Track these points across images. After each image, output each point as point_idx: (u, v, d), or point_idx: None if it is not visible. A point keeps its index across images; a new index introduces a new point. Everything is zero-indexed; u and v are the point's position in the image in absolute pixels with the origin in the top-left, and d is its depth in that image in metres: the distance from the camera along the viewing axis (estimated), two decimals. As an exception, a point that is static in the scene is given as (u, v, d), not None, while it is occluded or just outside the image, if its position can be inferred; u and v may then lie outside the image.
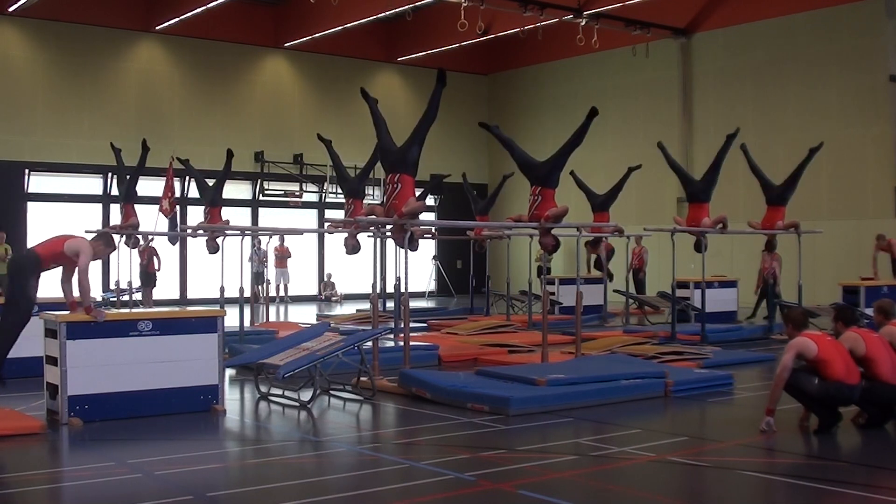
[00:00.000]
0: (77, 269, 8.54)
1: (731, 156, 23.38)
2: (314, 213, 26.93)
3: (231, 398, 9.64)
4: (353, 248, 12.16)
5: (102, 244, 8.92)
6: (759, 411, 7.98)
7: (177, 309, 17.27)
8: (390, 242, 17.47)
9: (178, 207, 21.10)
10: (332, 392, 9.71)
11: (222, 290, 13.37)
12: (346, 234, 12.49)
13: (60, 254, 8.59)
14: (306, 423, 8.57)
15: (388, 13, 23.34)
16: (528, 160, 11.37)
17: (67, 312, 8.57)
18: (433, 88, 10.64)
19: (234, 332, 13.19)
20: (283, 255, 24.56)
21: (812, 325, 12.01)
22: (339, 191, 26.48)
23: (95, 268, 23.14)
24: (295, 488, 6.16)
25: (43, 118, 22.85)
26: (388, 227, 10.94)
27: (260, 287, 20.39)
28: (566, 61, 27.22)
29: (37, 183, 22.86)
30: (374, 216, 10.88)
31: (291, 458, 7.27)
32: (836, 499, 6.05)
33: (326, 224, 24.32)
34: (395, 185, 10.39)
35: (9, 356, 10.66)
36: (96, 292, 20.88)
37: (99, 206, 23.54)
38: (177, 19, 23.25)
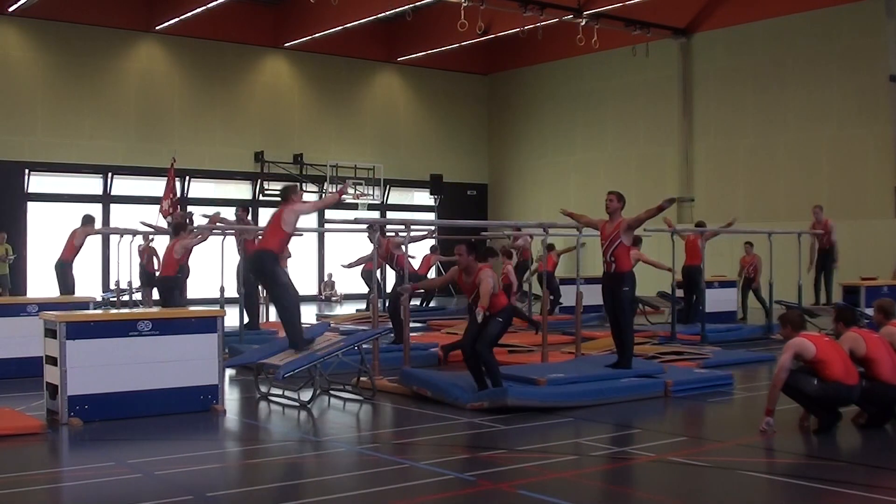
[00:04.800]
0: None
1: (731, 156, 23.47)
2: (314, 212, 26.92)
3: (231, 398, 9.65)
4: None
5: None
6: (759, 411, 7.97)
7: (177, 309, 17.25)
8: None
9: (178, 208, 21.07)
10: (332, 392, 9.71)
11: (222, 290, 13.37)
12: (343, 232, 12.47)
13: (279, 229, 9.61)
14: (306, 423, 8.57)
15: (388, 13, 23.32)
16: None
17: (67, 312, 8.57)
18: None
19: (234, 332, 13.19)
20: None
21: (812, 326, 12.01)
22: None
23: (95, 268, 23.15)
24: (295, 488, 6.16)
25: (43, 118, 22.84)
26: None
27: (260, 287, 20.35)
28: (566, 61, 27.21)
29: (37, 183, 22.84)
30: (373, 216, 10.88)
31: (291, 458, 7.27)
32: (836, 499, 6.05)
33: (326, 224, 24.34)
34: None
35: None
36: (96, 293, 20.88)
37: (99, 206, 23.53)
38: (177, 19, 23.23)
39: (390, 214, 26.03)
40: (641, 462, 6.99)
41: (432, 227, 17.61)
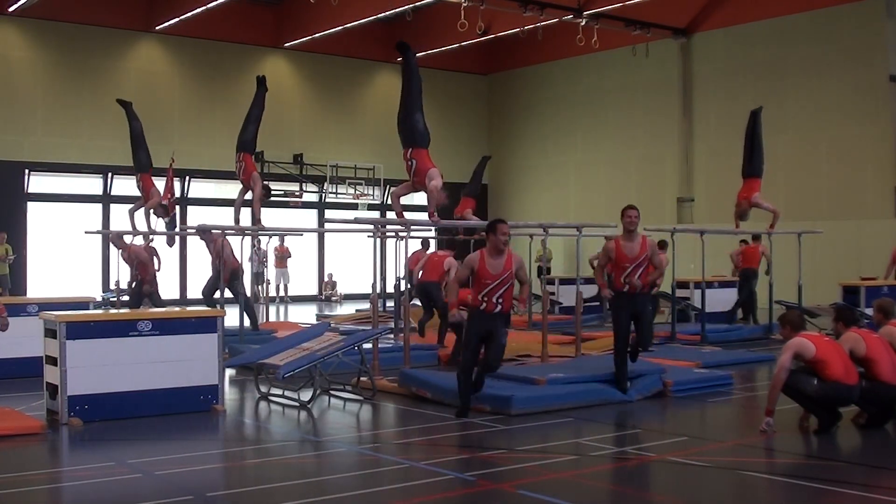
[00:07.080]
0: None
1: (731, 156, 23.42)
2: (314, 213, 26.92)
3: (231, 398, 9.65)
4: None
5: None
6: (759, 411, 7.98)
7: (177, 309, 17.27)
8: (390, 242, 17.52)
9: (177, 208, 21.06)
10: (332, 392, 9.71)
11: (223, 290, 13.37)
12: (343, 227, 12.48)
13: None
14: (306, 423, 8.57)
15: (388, 13, 23.33)
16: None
17: (67, 312, 8.57)
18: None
19: (234, 332, 13.19)
20: (283, 255, 24.55)
21: (812, 326, 12.01)
22: (339, 191, 26.56)
23: (95, 267, 23.13)
24: (295, 488, 6.15)
25: (43, 118, 22.84)
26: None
27: (260, 287, 20.37)
28: (566, 61, 27.22)
29: (37, 183, 22.84)
30: (373, 216, 10.92)
31: (291, 458, 7.27)
32: (836, 499, 6.05)
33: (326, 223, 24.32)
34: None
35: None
36: (96, 293, 20.87)
37: (99, 206, 23.53)
38: (177, 19, 23.24)
39: (390, 215, 26.00)
40: (641, 462, 6.99)
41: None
